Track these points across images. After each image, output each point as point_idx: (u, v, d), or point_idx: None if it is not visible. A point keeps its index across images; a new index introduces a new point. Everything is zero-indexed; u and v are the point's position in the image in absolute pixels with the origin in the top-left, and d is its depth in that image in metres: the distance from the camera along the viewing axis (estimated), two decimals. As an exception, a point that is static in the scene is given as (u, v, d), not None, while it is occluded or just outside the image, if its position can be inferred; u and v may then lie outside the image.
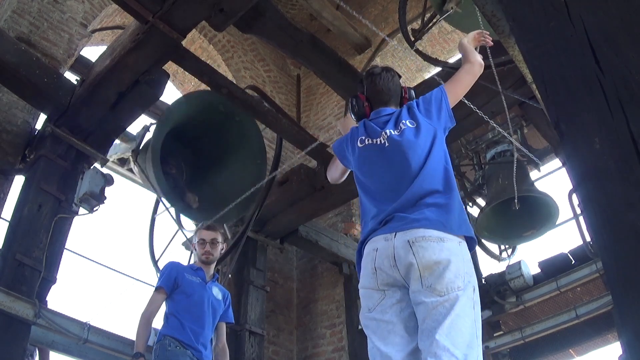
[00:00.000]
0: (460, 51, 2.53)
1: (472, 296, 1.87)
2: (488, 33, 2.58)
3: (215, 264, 3.61)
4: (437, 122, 2.21)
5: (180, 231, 5.74)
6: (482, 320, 2.07)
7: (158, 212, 5.55)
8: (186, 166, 4.73)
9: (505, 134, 3.77)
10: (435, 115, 2.22)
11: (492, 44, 2.64)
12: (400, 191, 2.04)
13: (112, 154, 4.78)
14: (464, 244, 1.96)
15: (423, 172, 2.04)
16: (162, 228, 5.77)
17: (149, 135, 4.89)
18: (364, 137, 2.26)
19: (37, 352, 3.51)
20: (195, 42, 7.48)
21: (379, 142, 2.20)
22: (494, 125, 3.39)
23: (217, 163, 5.00)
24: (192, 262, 3.82)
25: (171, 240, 5.24)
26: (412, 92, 2.44)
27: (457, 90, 2.35)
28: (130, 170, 5.15)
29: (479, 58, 2.43)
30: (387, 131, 2.20)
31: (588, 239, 4.52)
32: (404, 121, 2.20)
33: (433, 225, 1.92)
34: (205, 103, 4.64)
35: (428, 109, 2.24)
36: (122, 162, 5.07)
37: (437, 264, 1.84)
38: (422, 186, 2.01)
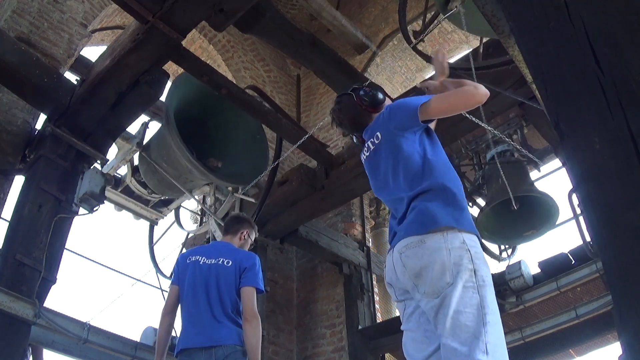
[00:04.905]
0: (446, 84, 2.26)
1: (473, 280, 1.80)
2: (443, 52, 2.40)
3: None
4: (401, 124, 2.12)
5: (179, 229, 5.74)
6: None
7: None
8: (193, 148, 4.71)
9: (502, 136, 3.75)
10: (400, 121, 2.13)
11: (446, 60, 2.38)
12: (396, 204, 2.11)
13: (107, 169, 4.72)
14: (452, 232, 1.86)
15: (402, 179, 2.06)
16: (161, 228, 5.77)
17: (149, 133, 4.89)
18: (363, 154, 2.36)
19: (30, 350, 3.49)
20: (195, 42, 7.49)
21: (366, 157, 2.32)
22: (489, 129, 3.38)
23: (220, 143, 5.16)
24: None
25: (162, 236, 5.25)
26: (363, 92, 2.32)
27: (442, 106, 2.10)
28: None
29: (482, 88, 2.10)
30: (367, 144, 2.28)
31: (588, 239, 4.51)
32: (376, 133, 2.23)
33: (414, 230, 1.93)
34: (196, 86, 4.68)
35: (393, 114, 2.17)
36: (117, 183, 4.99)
37: (424, 269, 1.87)
38: (408, 192, 2.03)
